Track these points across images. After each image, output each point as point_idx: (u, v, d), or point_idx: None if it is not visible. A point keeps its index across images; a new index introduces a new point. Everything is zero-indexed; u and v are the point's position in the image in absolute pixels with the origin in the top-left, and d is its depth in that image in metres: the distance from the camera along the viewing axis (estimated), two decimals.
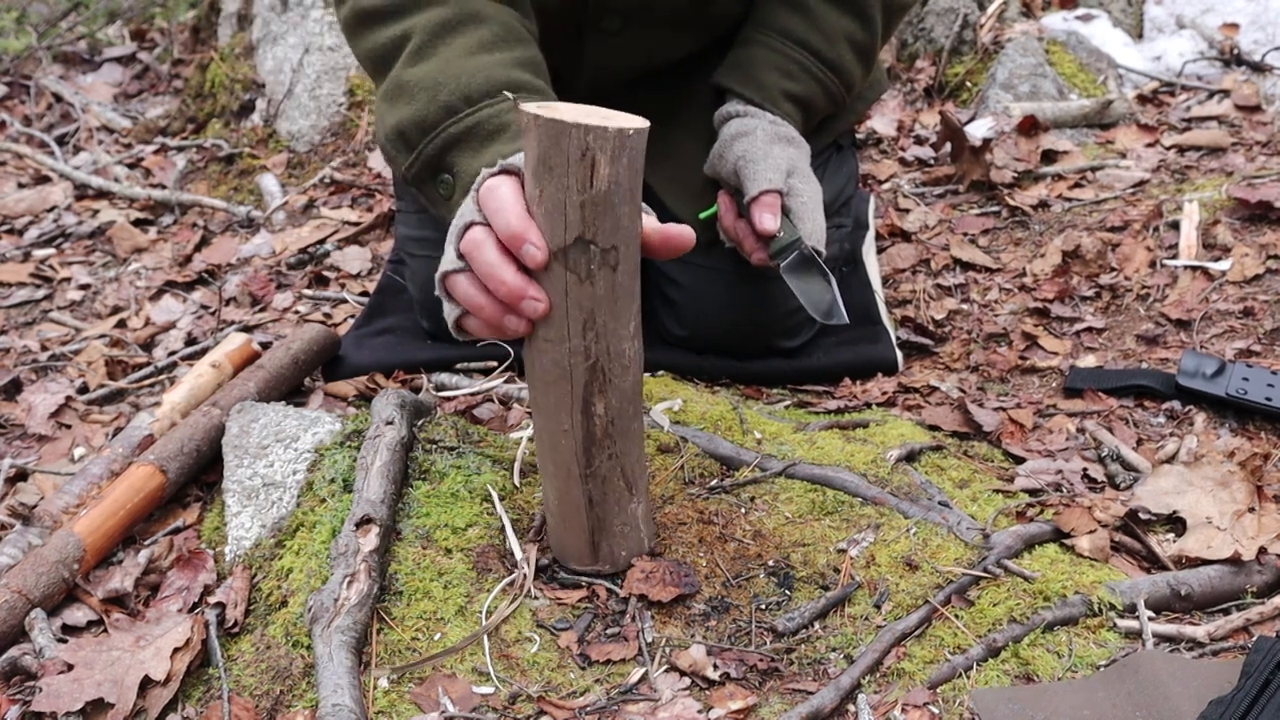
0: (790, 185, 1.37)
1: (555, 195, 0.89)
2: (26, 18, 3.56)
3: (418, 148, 1.17)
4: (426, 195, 1.21)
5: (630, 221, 0.93)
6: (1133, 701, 0.95)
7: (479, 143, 1.13)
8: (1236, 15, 2.68)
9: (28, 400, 1.71)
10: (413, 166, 1.19)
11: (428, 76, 1.17)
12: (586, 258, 0.92)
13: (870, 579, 1.11)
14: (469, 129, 1.14)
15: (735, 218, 1.43)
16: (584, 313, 0.95)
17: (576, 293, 0.93)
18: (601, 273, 0.93)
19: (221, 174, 2.64)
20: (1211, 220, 1.80)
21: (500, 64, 1.18)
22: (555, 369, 0.98)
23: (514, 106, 1.13)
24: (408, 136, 1.18)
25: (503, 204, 0.91)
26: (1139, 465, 1.32)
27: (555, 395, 1.00)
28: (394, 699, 1.00)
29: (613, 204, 0.90)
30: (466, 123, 1.14)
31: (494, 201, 0.92)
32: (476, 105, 1.15)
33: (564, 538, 1.11)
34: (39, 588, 1.16)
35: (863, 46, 1.49)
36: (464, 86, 1.15)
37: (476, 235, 0.93)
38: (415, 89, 1.18)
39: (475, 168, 1.11)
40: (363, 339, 1.70)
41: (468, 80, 1.16)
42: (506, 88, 1.15)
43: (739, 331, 1.57)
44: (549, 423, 1.02)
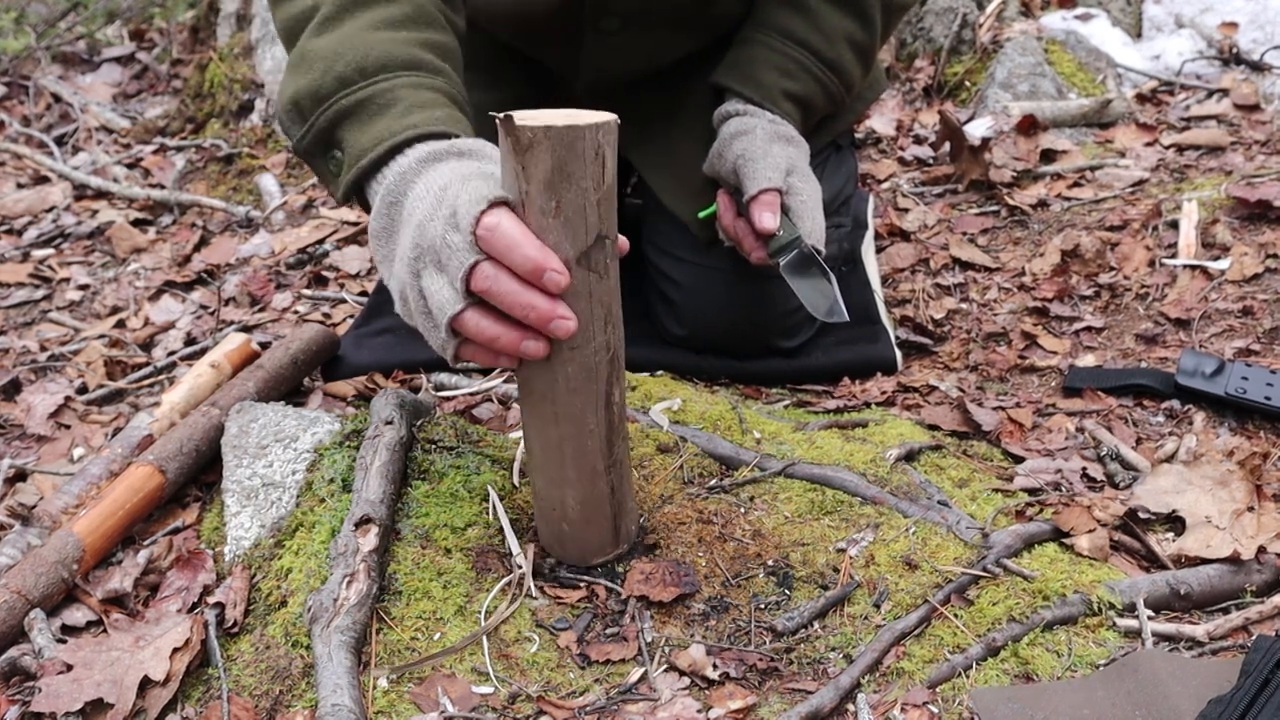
0: (789, 184, 1.37)
1: (575, 200, 0.89)
2: (25, 18, 3.56)
3: (310, 118, 1.13)
4: (316, 170, 1.17)
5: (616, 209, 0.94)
6: (1132, 700, 0.95)
7: (367, 117, 1.09)
8: (1235, 14, 2.68)
9: (27, 400, 1.71)
10: (305, 139, 1.15)
11: (329, 47, 1.14)
12: (603, 253, 0.92)
13: (869, 578, 1.11)
14: (360, 102, 1.10)
15: (734, 216, 1.43)
16: (604, 308, 0.95)
17: (598, 290, 0.94)
18: (611, 264, 0.94)
19: (220, 174, 2.65)
20: (1210, 219, 1.80)
21: (403, 41, 1.15)
22: (582, 372, 0.98)
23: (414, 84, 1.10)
24: (302, 107, 1.14)
25: (513, 239, 0.89)
26: (1138, 464, 1.33)
27: (582, 399, 0.99)
28: (393, 699, 1.00)
29: (612, 196, 0.91)
30: (358, 95, 1.10)
31: (503, 239, 0.90)
32: (371, 78, 1.11)
33: (586, 535, 1.10)
34: (38, 588, 1.16)
35: (862, 46, 1.49)
36: (360, 59, 1.12)
37: (488, 270, 0.91)
38: (314, 59, 1.14)
39: (361, 143, 1.07)
40: (362, 339, 1.70)
41: (364, 52, 1.12)
42: (403, 64, 1.12)
43: (738, 331, 1.58)
44: (573, 428, 1.01)
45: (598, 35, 1.46)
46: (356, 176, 1.07)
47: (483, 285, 0.91)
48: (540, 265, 0.89)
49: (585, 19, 1.44)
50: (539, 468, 1.07)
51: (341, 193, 1.10)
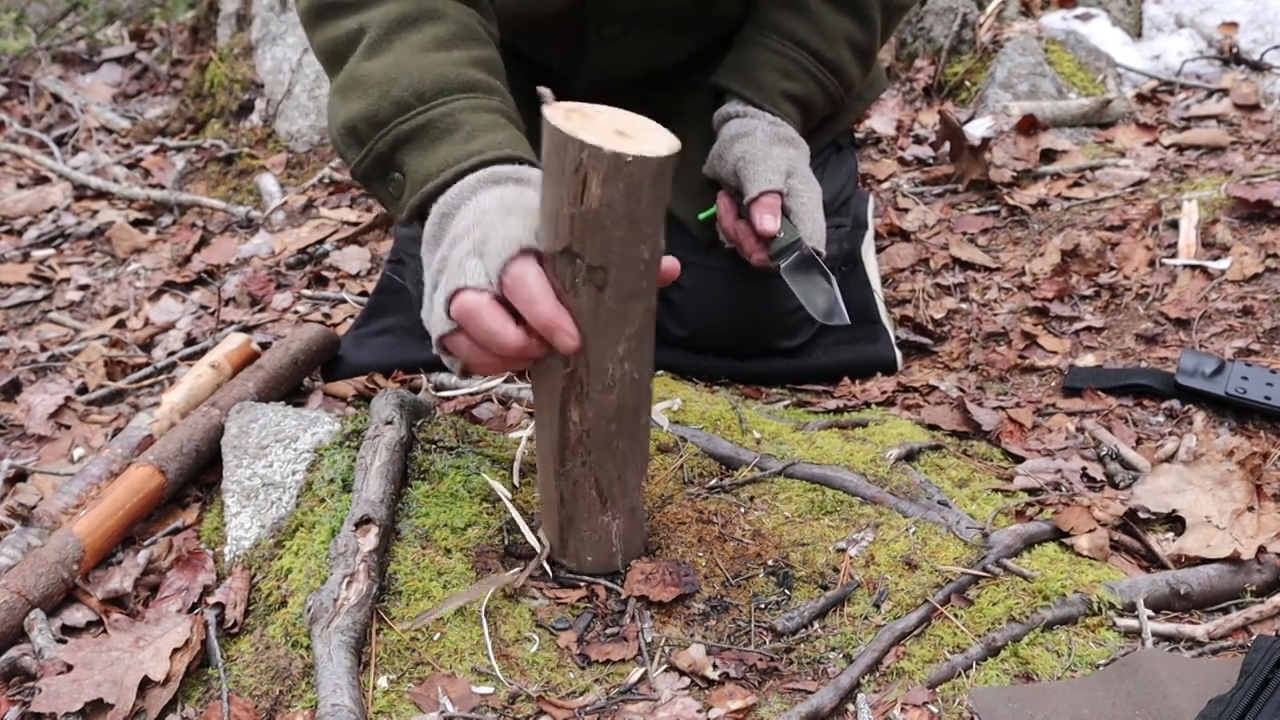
0: (790, 186, 1.37)
1: (553, 201, 0.89)
2: (25, 18, 3.56)
3: (368, 144, 1.15)
4: (375, 193, 1.19)
5: (627, 247, 0.90)
6: (1132, 700, 0.95)
7: (429, 141, 1.11)
8: (1235, 14, 2.68)
9: (27, 401, 1.71)
10: (362, 163, 1.16)
11: (381, 71, 1.15)
12: (571, 270, 0.91)
13: (869, 578, 1.11)
14: (420, 127, 1.12)
15: (735, 218, 1.43)
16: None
17: (561, 299, 0.93)
18: (586, 289, 0.92)
19: (220, 174, 2.64)
20: (1210, 219, 1.80)
21: (456, 62, 1.16)
22: (542, 367, 1.00)
23: (473, 106, 1.12)
24: (359, 132, 1.16)
25: (534, 295, 0.92)
26: (1138, 464, 1.33)
27: (542, 392, 1.02)
28: (393, 699, 1.00)
29: (604, 224, 0.88)
30: (418, 120, 1.12)
31: (524, 291, 0.92)
32: (429, 103, 1.12)
33: (546, 524, 1.14)
34: (38, 588, 1.16)
35: (862, 47, 1.49)
36: (417, 83, 1.13)
37: (468, 301, 0.94)
38: (368, 83, 1.15)
39: (425, 168, 1.09)
40: (362, 339, 1.70)
41: (420, 76, 1.13)
42: (460, 87, 1.13)
43: (738, 331, 1.57)
44: (539, 414, 1.05)
45: (600, 39, 1.46)
46: (422, 200, 1.09)
47: (459, 313, 0.95)
48: (553, 324, 0.92)
49: (588, 22, 1.44)
50: (535, 436, 1.10)
51: (405, 215, 1.12)
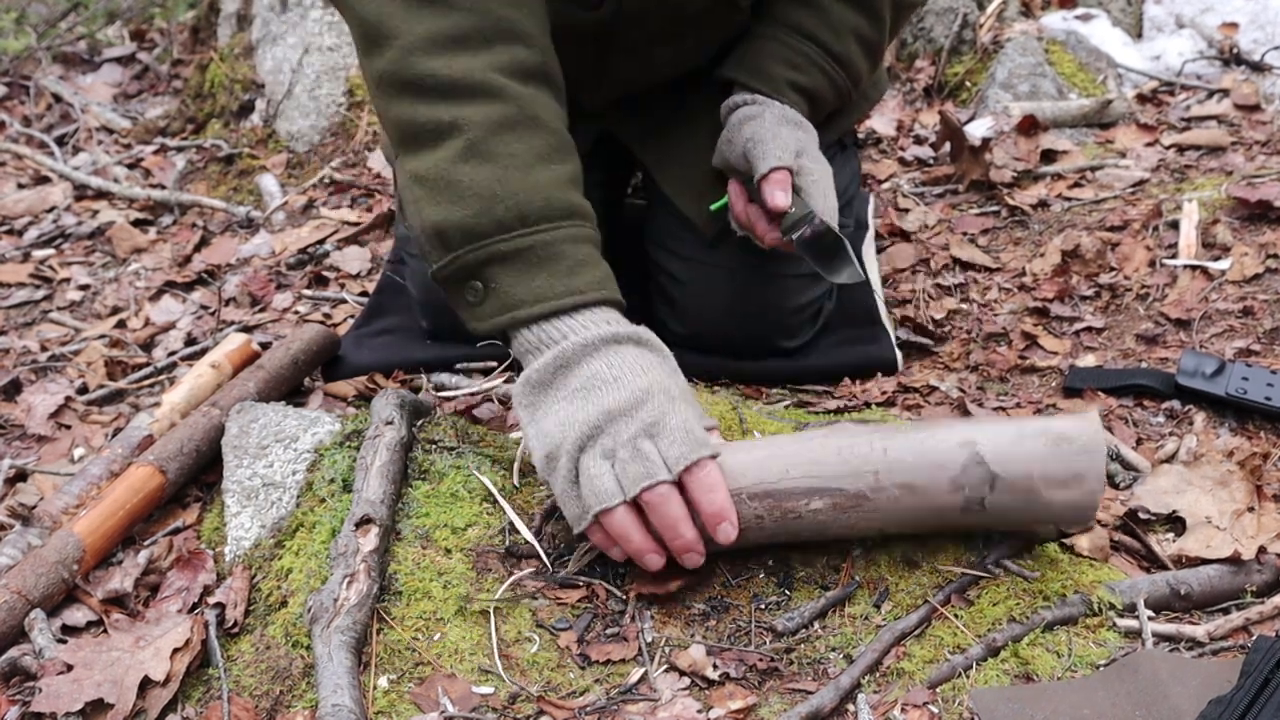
0: (800, 164, 1.37)
1: None
2: (26, 18, 3.56)
3: (456, 252, 1.12)
4: (450, 295, 1.17)
5: None
6: (1132, 701, 0.95)
7: (527, 266, 1.10)
8: (1236, 14, 2.68)
9: (27, 401, 1.71)
10: (446, 269, 1.13)
11: (483, 183, 1.12)
12: None
13: (870, 579, 1.11)
14: (519, 250, 1.11)
15: (747, 202, 1.42)
16: None
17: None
18: None
19: (221, 174, 2.65)
20: (1211, 219, 1.80)
21: (557, 183, 1.14)
22: None
23: (573, 237, 1.13)
24: (447, 238, 1.12)
25: (716, 485, 1.03)
26: (1138, 465, 1.33)
27: None
28: (394, 699, 1.00)
29: None
30: (518, 243, 1.11)
31: (709, 480, 1.03)
32: (531, 228, 1.11)
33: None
34: (38, 588, 1.16)
35: (870, 42, 1.49)
36: (521, 204, 1.11)
37: (665, 491, 1.02)
38: (467, 193, 1.11)
39: (518, 293, 1.09)
40: (362, 339, 1.70)
41: (526, 198, 1.11)
42: (562, 213, 1.12)
43: (740, 331, 1.57)
44: None
45: (627, 50, 1.46)
46: (508, 324, 1.11)
47: (653, 500, 1.02)
48: (724, 514, 1.03)
49: (617, 35, 1.43)
50: None
51: (484, 331, 1.13)
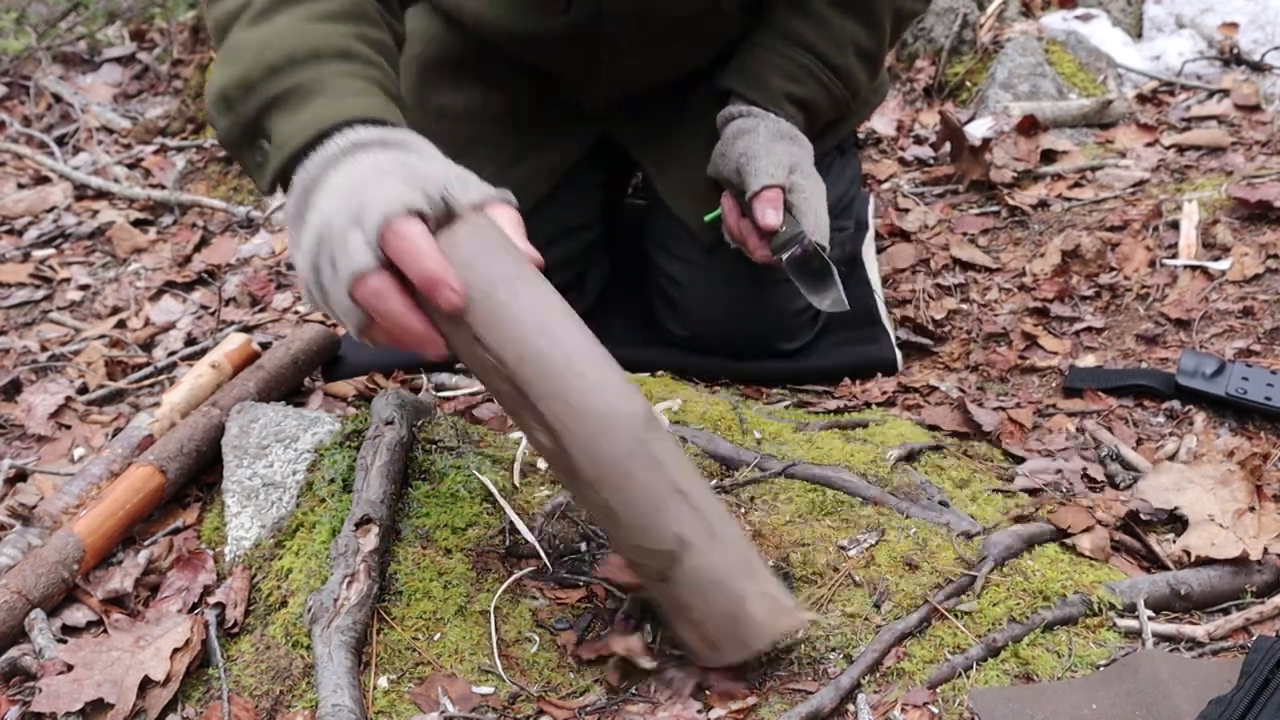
0: (792, 182, 1.37)
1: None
2: (26, 18, 3.56)
3: (236, 109, 1.09)
4: (243, 163, 1.13)
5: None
6: (1132, 701, 0.95)
7: (296, 103, 1.05)
8: (1236, 14, 2.68)
9: (27, 401, 1.71)
10: (231, 130, 1.11)
11: (258, 38, 1.10)
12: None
13: (870, 579, 1.11)
14: (289, 90, 1.06)
15: (739, 217, 1.43)
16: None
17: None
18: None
19: (221, 174, 2.64)
20: (1211, 220, 1.80)
21: (337, 33, 1.11)
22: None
23: (347, 72, 1.07)
24: (229, 97, 1.10)
25: (418, 248, 0.90)
26: (1138, 465, 1.33)
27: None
28: (394, 699, 1.00)
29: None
30: (287, 83, 1.06)
31: (406, 246, 0.91)
32: (300, 65, 1.07)
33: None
34: (39, 588, 1.16)
35: (869, 53, 1.48)
36: (291, 48, 1.08)
37: (374, 285, 0.92)
38: (244, 49, 1.10)
39: (288, 131, 1.04)
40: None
41: (297, 42, 1.08)
42: (335, 54, 1.08)
43: (739, 332, 1.57)
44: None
45: (609, 54, 1.45)
46: (282, 164, 1.04)
47: (367, 301, 0.92)
48: (437, 278, 0.90)
49: (598, 39, 1.43)
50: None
51: (267, 182, 1.08)
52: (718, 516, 0.98)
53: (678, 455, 0.98)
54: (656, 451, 0.95)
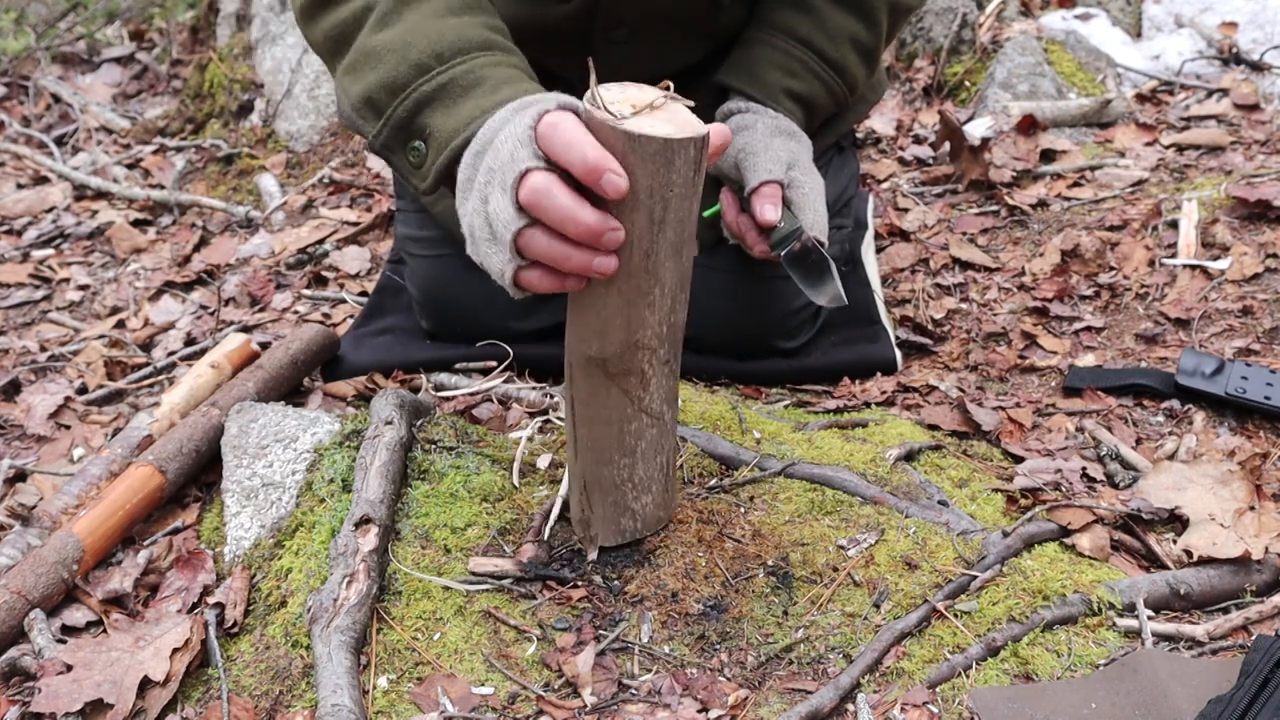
0: (791, 177, 1.37)
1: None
2: (25, 18, 3.56)
3: (386, 112, 1.11)
4: (396, 165, 1.15)
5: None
6: (1132, 700, 0.95)
7: (453, 100, 1.07)
8: (1235, 14, 2.68)
9: (27, 401, 1.71)
10: (381, 133, 1.12)
11: (395, 39, 1.12)
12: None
13: (869, 578, 1.11)
14: (442, 86, 1.08)
15: (738, 213, 1.43)
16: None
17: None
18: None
19: (220, 174, 2.65)
20: (1210, 219, 1.80)
21: (470, 25, 1.13)
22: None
23: (495, 62, 1.07)
24: (375, 102, 1.12)
25: (576, 138, 0.86)
26: (1138, 464, 1.33)
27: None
28: (393, 699, 1.00)
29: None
30: (439, 80, 1.08)
31: (564, 136, 0.86)
32: (449, 62, 1.08)
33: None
34: (38, 588, 1.16)
35: (867, 47, 1.49)
36: (434, 44, 1.09)
37: (538, 181, 0.87)
38: (383, 53, 1.11)
39: (450, 125, 1.05)
40: (362, 339, 1.70)
41: (438, 38, 1.10)
42: (478, 45, 1.09)
43: (739, 332, 1.57)
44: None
45: (608, 45, 1.46)
46: (449, 159, 1.04)
47: (529, 197, 0.88)
48: (598, 165, 0.85)
49: (595, 30, 1.43)
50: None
51: (431, 179, 1.07)
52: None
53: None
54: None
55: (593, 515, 1.11)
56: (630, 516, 1.11)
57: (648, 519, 1.13)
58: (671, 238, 0.92)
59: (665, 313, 0.97)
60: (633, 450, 1.06)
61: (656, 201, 0.89)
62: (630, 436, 1.05)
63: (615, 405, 1.03)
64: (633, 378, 1.01)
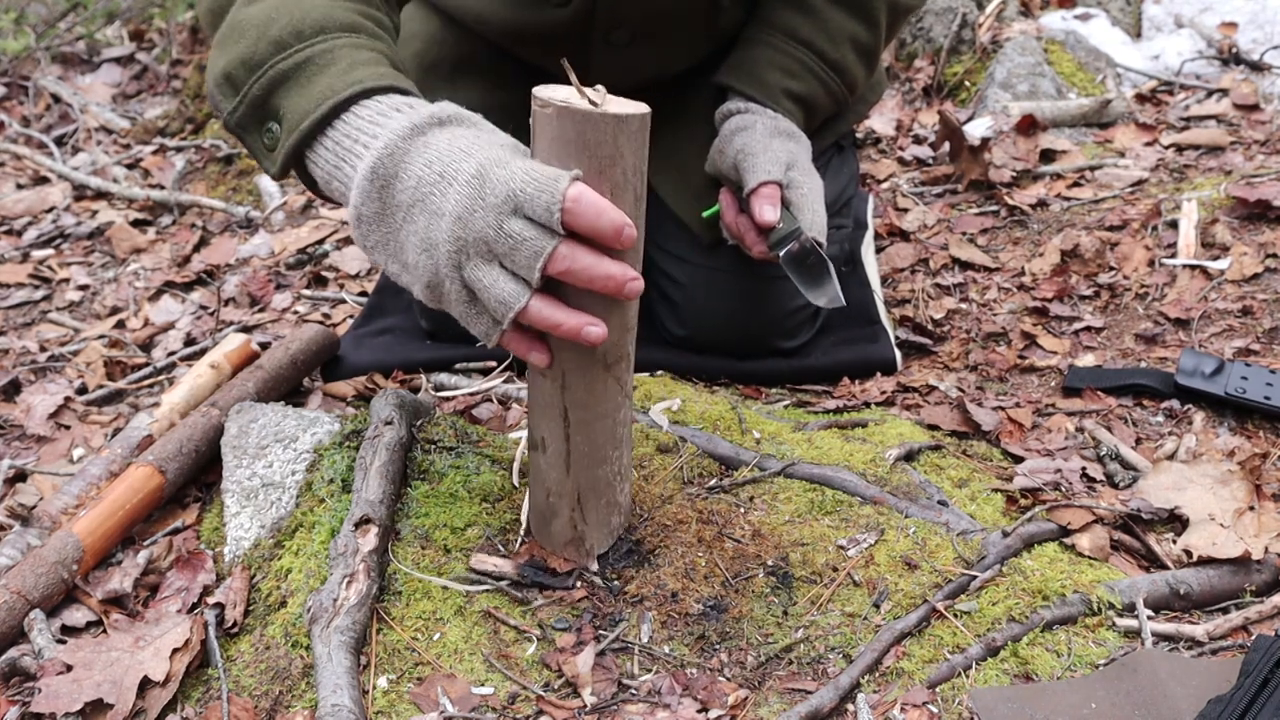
0: (790, 178, 1.37)
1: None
2: (25, 18, 3.56)
3: (243, 89, 1.07)
4: (250, 147, 1.11)
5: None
6: (1131, 700, 0.95)
7: (308, 78, 1.03)
8: (1235, 14, 2.68)
9: (27, 401, 1.71)
10: (236, 111, 1.08)
11: (261, 14, 1.08)
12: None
13: (869, 578, 1.11)
14: (298, 65, 1.04)
15: (737, 213, 1.43)
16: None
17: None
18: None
19: (220, 174, 2.65)
20: (1210, 219, 1.80)
21: (338, 7, 1.09)
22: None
23: (355, 44, 1.05)
24: (234, 78, 1.08)
25: (600, 205, 0.90)
26: (1138, 464, 1.33)
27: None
28: (393, 699, 1.00)
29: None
30: (296, 58, 1.04)
31: (588, 204, 0.90)
32: (308, 40, 1.05)
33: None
34: (38, 588, 1.16)
35: (866, 48, 1.49)
36: (297, 22, 1.06)
37: (565, 251, 0.91)
38: (247, 27, 1.08)
39: (302, 106, 1.02)
40: (361, 339, 1.70)
41: (302, 16, 1.06)
42: (341, 27, 1.06)
43: (739, 331, 1.57)
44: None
45: (608, 48, 1.46)
46: (298, 142, 1.01)
47: (562, 267, 0.91)
48: (623, 224, 0.90)
49: (594, 32, 1.43)
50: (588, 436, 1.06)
51: (279, 164, 1.04)
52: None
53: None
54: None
55: (587, 528, 1.10)
56: (617, 511, 1.12)
57: (626, 509, 1.13)
58: (643, 210, 0.97)
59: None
60: (621, 441, 1.07)
61: (639, 178, 0.94)
62: (620, 426, 1.06)
63: (611, 397, 1.03)
64: (623, 363, 1.03)
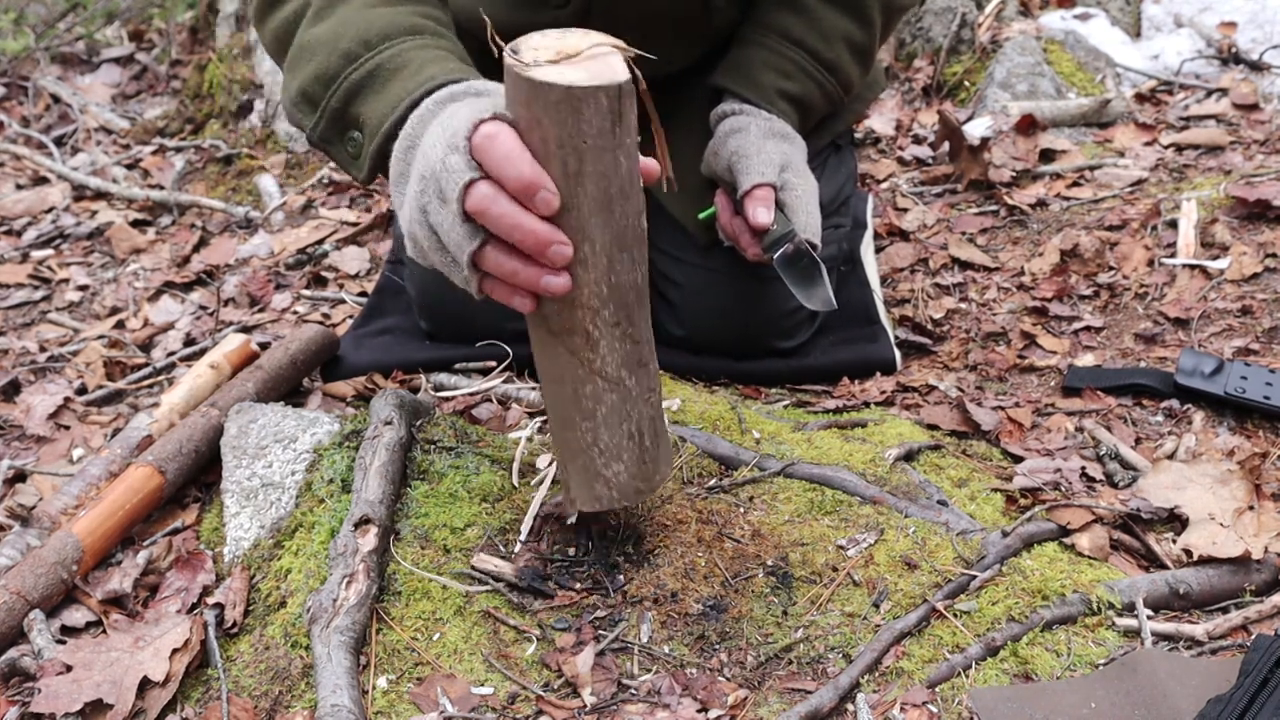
0: (784, 180, 1.37)
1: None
2: (24, 18, 3.56)
3: (321, 103, 1.12)
4: (337, 159, 1.16)
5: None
6: (1131, 700, 0.95)
7: (382, 84, 1.08)
8: (1234, 14, 2.68)
9: (26, 401, 1.71)
10: (318, 125, 1.13)
11: (327, 32, 1.13)
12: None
13: (869, 578, 1.11)
14: (370, 72, 1.09)
15: (732, 215, 1.43)
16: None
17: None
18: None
19: (220, 175, 2.65)
20: (1210, 219, 1.80)
21: (399, 13, 1.14)
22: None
23: (421, 45, 1.09)
24: (310, 94, 1.13)
25: (509, 151, 0.86)
26: (1137, 464, 1.33)
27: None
28: (393, 699, 1.00)
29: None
30: (367, 66, 1.09)
31: (499, 149, 0.86)
32: (376, 48, 1.10)
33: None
34: (38, 589, 1.16)
35: (861, 47, 1.49)
36: (363, 33, 1.11)
37: (484, 190, 0.88)
38: (315, 46, 1.13)
39: (380, 110, 1.06)
40: (361, 339, 1.70)
41: (366, 27, 1.11)
42: (405, 31, 1.11)
43: (737, 332, 1.58)
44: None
45: None
46: (380, 145, 1.05)
47: (477, 206, 0.88)
48: (533, 182, 0.86)
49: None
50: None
51: (367, 169, 1.08)
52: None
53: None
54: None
55: (568, 479, 1.10)
56: (604, 484, 1.08)
57: (623, 489, 1.08)
58: (594, 192, 0.90)
59: (603, 271, 0.94)
60: (592, 414, 1.03)
61: (569, 153, 0.87)
62: (586, 399, 1.02)
63: (565, 366, 1.01)
64: (577, 337, 0.98)
